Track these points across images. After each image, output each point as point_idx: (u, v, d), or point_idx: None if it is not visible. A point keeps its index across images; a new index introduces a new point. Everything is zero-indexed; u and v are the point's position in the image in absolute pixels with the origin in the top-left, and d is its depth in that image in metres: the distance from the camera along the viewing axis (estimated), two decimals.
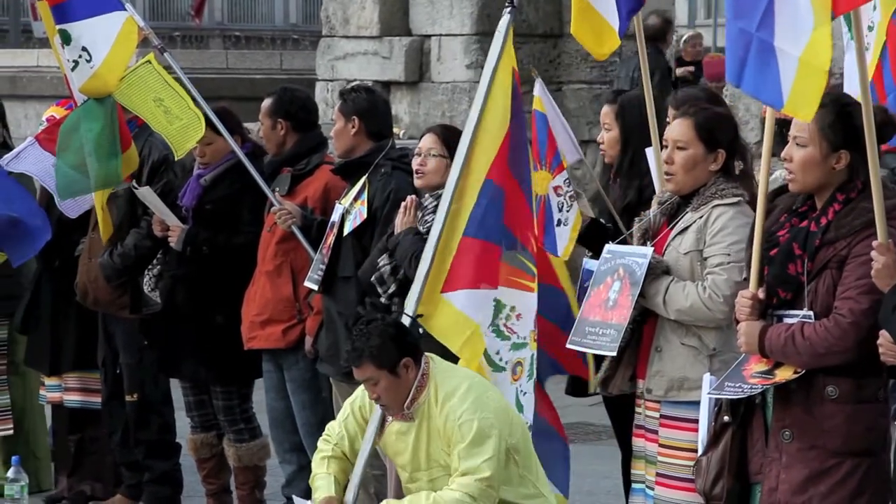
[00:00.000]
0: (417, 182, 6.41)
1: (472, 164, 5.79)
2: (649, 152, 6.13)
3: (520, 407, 5.78)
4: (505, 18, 5.87)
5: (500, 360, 5.81)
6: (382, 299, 6.34)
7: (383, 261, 6.37)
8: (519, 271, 5.73)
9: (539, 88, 5.69)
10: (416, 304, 5.82)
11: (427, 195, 6.41)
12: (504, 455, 5.49)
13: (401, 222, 6.35)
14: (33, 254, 7.52)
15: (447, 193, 5.88)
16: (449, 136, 6.43)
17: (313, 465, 5.83)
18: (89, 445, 7.84)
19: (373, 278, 6.37)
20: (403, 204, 6.38)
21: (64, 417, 7.85)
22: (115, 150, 7.08)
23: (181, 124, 6.94)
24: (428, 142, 6.41)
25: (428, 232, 6.16)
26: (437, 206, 6.27)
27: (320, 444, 5.85)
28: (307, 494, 6.07)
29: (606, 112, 6.41)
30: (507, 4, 5.93)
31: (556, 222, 5.62)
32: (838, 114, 4.67)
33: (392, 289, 6.32)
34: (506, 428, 5.54)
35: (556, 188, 5.61)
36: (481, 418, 5.48)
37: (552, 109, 5.67)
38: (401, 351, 5.58)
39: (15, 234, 7.47)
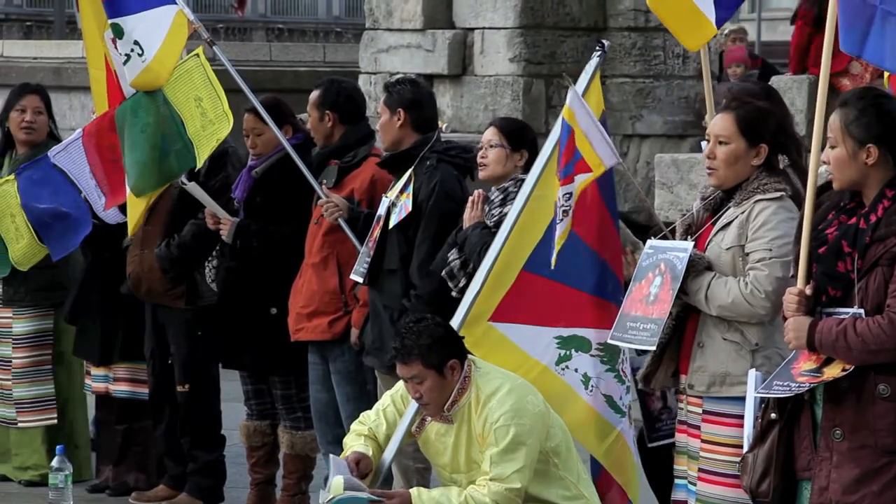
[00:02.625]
0: (480, 174, 6.48)
1: (540, 200, 5.81)
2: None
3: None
4: (593, 61, 5.94)
5: (623, 404, 5.88)
6: (454, 293, 6.37)
7: (453, 255, 6.41)
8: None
9: (571, 97, 5.70)
10: (462, 322, 5.86)
11: (493, 188, 6.44)
12: (535, 464, 5.50)
13: (468, 216, 6.40)
14: (73, 248, 7.58)
15: (511, 217, 5.92)
16: (510, 128, 6.48)
17: (346, 440, 5.86)
18: (136, 436, 7.89)
19: (443, 273, 6.41)
20: (471, 198, 6.43)
21: (113, 407, 7.89)
22: (168, 147, 7.10)
23: (212, 129, 6.95)
24: (489, 134, 6.48)
25: (496, 226, 6.21)
26: (503, 200, 6.32)
27: (354, 425, 5.90)
28: None
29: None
30: (597, 48, 5.97)
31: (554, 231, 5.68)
32: (861, 110, 4.68)
33: (462, 283, 6.35)
34: (543, 433, 5.55)
35: (557, 200, 5.66)
36: (518, 424, 5.49)
37: (586, 116, 5.68)
38: (449, 352, 5.61)
39: (60, 227, 7.54)
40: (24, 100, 7.94)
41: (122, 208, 7.52)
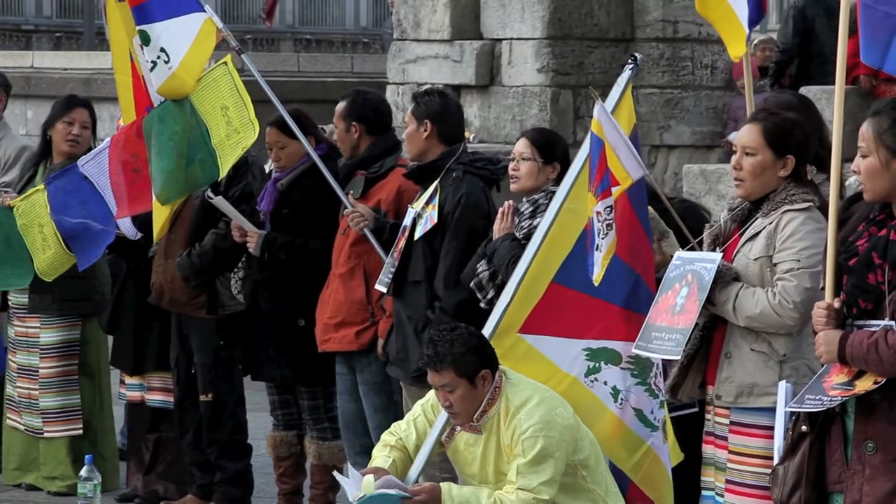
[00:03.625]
0: (512, 186, 6.47)
1: (571, 213, 5.82)
2: None
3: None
4: (625, 74, 5.93)
5: (655, 419, 5.86)
6: (482, 304, 6.37)
7: (482, 267, 6.40)
8: None
9: (598, 110, 5.70)
10: (492, 333, 5.86)
11: (524, 200, 6.44)
12: (561, 476, 5.49)
13: (498, 228, 6.39)
14: (97, 258, 7.60)
15: (541, 229, 5.92)
16: (541, 140, 6.47)
17: (374, 452, 5.87)
18: (166, 446, 7.90)
19: (472, 284, 6.41)
20: (501, 210, 6.42)
21: (144, 417, 7.89)
22: (193, 155, 7.11)
23: (237, 138, 6.95)
24: (521, 146, 6.47)
25: (525, 238, 6.21)
26: (533, 212, 6.32)
27: (384, 436, 5.90)
28: None
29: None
30: (629, 60, 5.97)
31: (595, 246, 5.65)
32: (895, 119, 4.65)
33: (491, 294, 6.36)
34: (571, 446, 5.54)
35: (597, 213, 5.63)
36: (546, 437, 5.48)
37: (613, 130, 5.67)
38: (481, 362, 5.60)
39: (87, 236, 7.56)
40: (73, 113, 7.98)
41: (137, 221, 7.54)
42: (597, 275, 5.65)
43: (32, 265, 7.68)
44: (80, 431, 8.01)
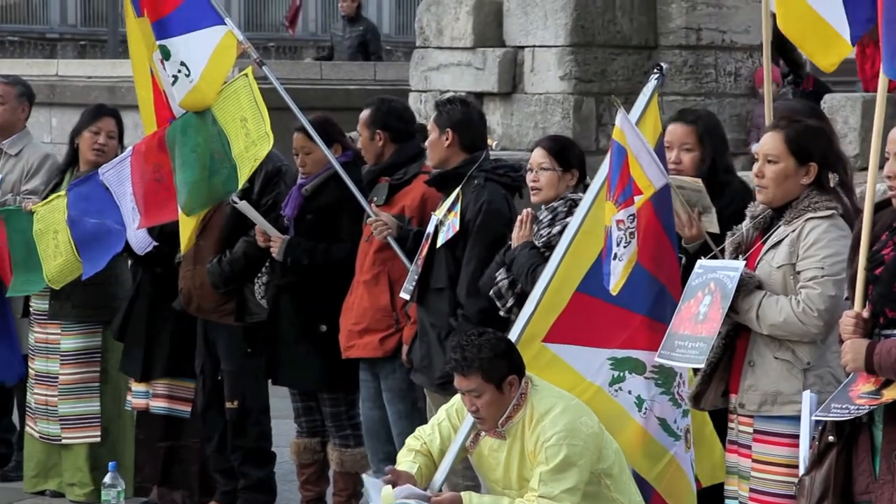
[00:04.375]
0: (534, 198, 6.44)
1: (596, 221, 5.81)
2: None
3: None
4: (651, 83, 5.92)
5: (678, 428, 5.86)
6: (501, 313, 6.36)
7: (501, 275, 6.40)
8: None
9: (620, 118, 5.69)
10: (516, 342, 5.86)
11: (542, 208, 6.43)
12: (584, 485, 5.49)
13: (517, 236, 6.38)
14: (101, 267, 7.61)
15: (566, 238, 5.92)
16: (558, 148, 6.45)
17: (399, 456, 5.87)
18: (178, 454, 7.87)
19: (491, 292, 6.40)
20: (519, 218, 6.41)
21: (156, 425, 7.89)
22: (216, 167, 7.13)
23: (254, 150, 6.97)
24: (538, 156, 6.43)
25: (544, 246, 6.21)
26: (552, 219, 6.31)
27: (409, 440, 5.90)
28: None
29: (688, 132, 6.31)
30: (655, 69, 5.96)
31: (612, 255, 5.64)
32: None
33: (510, 302, 6.35)
34: (595, 454, 5.53)
35: (618, 221, 5.61)
36: (570, 445, 5.48)
37: (635, 138, 5.66)
38: (509, 367, 5.60)
39: (97, 245, 7.59)
40: (100, 122, 8.00)
41: (154, 231, 7.56)
42: (615, 284, 5.64)
43: (41, 273, 7.72)
44: (98, 438, 8.01)
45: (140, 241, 7.61)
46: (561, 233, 6.23)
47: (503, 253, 6.45)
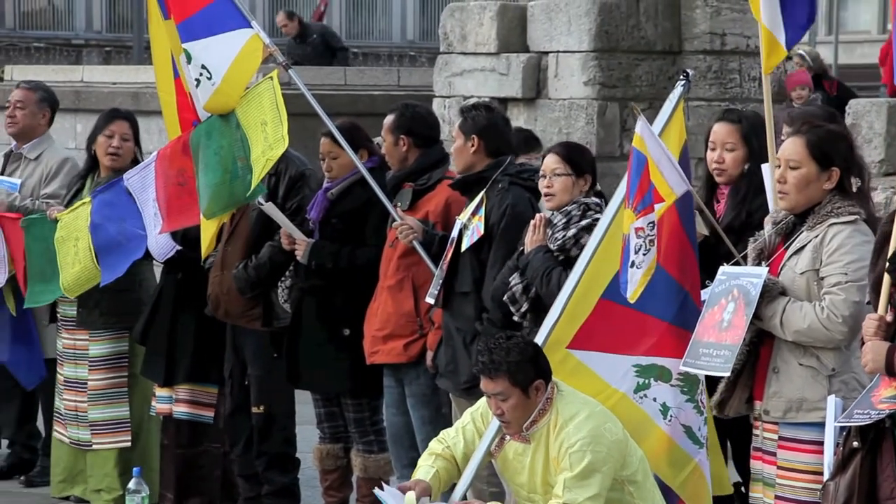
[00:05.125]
0: (547, 204, 6.43)
1: (619, 227, 5.81)
2: (765, 168, 6.09)
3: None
4: (677, 90, 5.91)
5: (701, 436, 5.85)
6: (515, 318, 6.36)
7: (514, 280, 6.39)
8: None
9: (641, 126, 5.68)
10: (542, 347, 5.85)
11: (556, 212, 6.42)
12: (608, 491, 5.48)
13: (530, 240, 6.37)
14: (120, 274, 7.62)
15: (591, 244, 5.91)
16: (571, 154, 6.45)
17: (420, 459, 5.86)
18: (197, 460, 7.86)
19: (505, 297, 6.40)
20: (532, 222, 6.40)
21: (178, 430, 7.87)
22: (238, 171, 7.13)
23: (271, 154, 6.97)
24: (551, 162, 6.43)
25: (560, 250, 6.20)
26: (566, 223, 6.30)
27: (432, 443, 5.90)
28: None
29: (731, 131, 6.33)
30: (681, 76, 5.94)
31: (630, 263, 5.63)
32: None
33: (524, 307, 6.34)
34: (619, 461, 5.52)
35: (637, 229, 5.59)
36: (594, 451, 5.47)
37: (655, 146, 5.65)
38: (536, 372, 5.60)
39: (117, 251, 7.60)
40: (112, 125, 8.01)
41: (177, 235, 7.56)
42: (633, 292, 5.63)
43: (58, 281, 7.73)
44: (129, 443, 8.02)
45: (161, 246, 7.62)
46: (575, 236, 6.24)
47: (516, 258, 6.44)
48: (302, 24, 18.19)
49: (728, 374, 5.34)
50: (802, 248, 5.36)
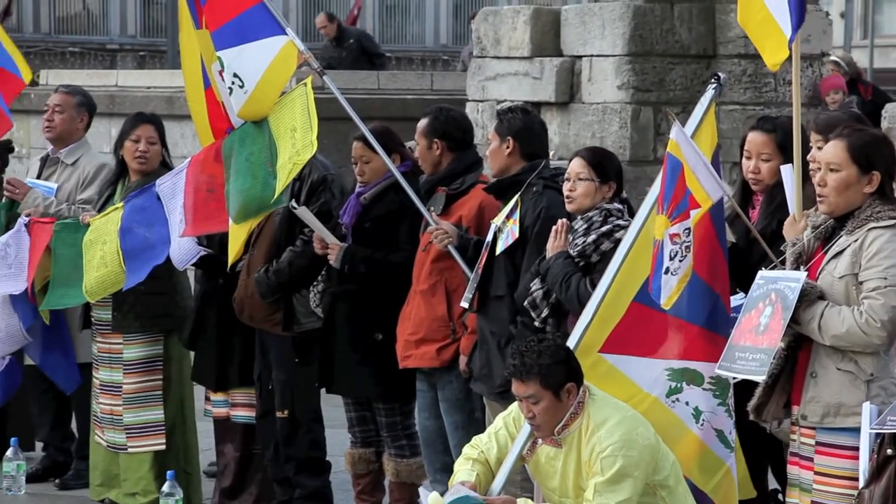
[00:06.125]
0: (569, 206, 6.43)
1: (649, 231, 5.78)
2: (784, 170, 6.06)
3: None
4: (708, 94, 5.88)
5: (731, 440, 5.83)
6: (536, 323, 6.35)
7: (535, 285, 6.39)
8: None
9: (676, 132, 5.65)
10: (573, 351, 5.84)
11: (578, 218, 6.41)
12: (639, 496, 5.46)
13: (552, 246, 6.36)
14: (141, 279, 7.62)
15: (622, 248, 5.89)
16: (596, 159, 6.44)
17: (456, 465, 5.86)
18: (253, 462, 7.87)
19: (525, 303, 6.39)
20: (554, 228, 6.39)
21: (236, 434, 7.87)
22: (267, 178, 7.13)
23: (298, 159, 6.96)
24: (576, 166, 6.43)
25: (580, 256, 6.19)
26: (587, 229, 6.29)
27: (466, 449, 5.90)
28: None
29: (766, 141, 6.30)
30: (713, 80, 5.92)
31: (664, 269, 5.60)
32: None
33: (545, 313, 6.33)
34: (651, 466, 5.50)
35: (672, 236, 5.57)
36: (626, 456, 5.45)
37: (691, 151, 5.62)
38: (567, 375, 5.59)
39: (142, 257, 7.61)
40: (138, 129, 8.02)
41: (215, 243, 7.57)
42: (667, 298, 5.61)
43: (81, 286, 7.73)
44: (164, 446, 8.03)
45: (184, 253, 7.62)
46: (595, 242, 6.24)
47: (538, 263, 6.44)
48: (340, 27, 18.21)
49: (764, 377, 5.31)
50: (841, 252, 5.33)
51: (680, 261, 5.58)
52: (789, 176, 5.95)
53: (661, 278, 5.61)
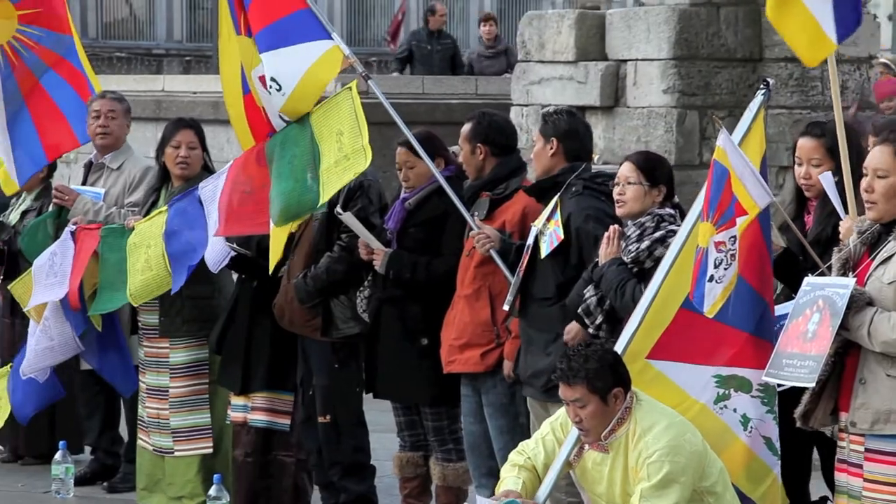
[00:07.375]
0: (619, 211, 6.41)
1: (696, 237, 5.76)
2: (826, 177, 6.02)
3: None
4: (757, 99, 5.85)
5: (778, 447, 5.82)
6: (590, 329, 6.33)
7: (589, 292, 6.37)
8: None
9: (723, 138, 5.62)
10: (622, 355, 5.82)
11: (630, 224, 6.39)
12: (686, 502, 5.43)
13: (604, 253, 6.34)
14: (182, 282, 7.64)
15: (670, 254, 5.87)
16: (646, 163, 6.41)
17: (502, 472, 5.85)
18: (269, 468, 7.86)
19: (579, 310, 6.38)
20: (606, 234, 6.38)
21: (253, 439, 7.86)
22: (308, 181, 7.13)
23: (346, 164, 6.94)
24: (626, 170, 6.41)
25: (633, 262, 6.17)
26: (640, 235, 6.27)
27: (512, 455, 5.89)
28: None
29: (815, 147, 6.27)
30: (761, 85, 5.89)
31: (707, 277, 5.57)
32: None
33: (599, 319, 6.32)
34: (698, 472, 5.48)
35: (718, 244, 5.54)
36: (672, 462, 5.43)
37: (738, 158, 5.59)
38: (615, 380, 5.58)
39: (183, 260, 7.64)
40: (178, 135, 8.06)
41: (252, 246, 7.58)
42: (711, 306, 5.58)
43: (125, 290, 7.76)
44: (211, 450, 8.06)
45: (216, 253, 7.63)
46: (649, 248, 6.21)
47: (591, 270, 6.41)
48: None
49: (813, 384, 5.28)
50: (889, 258, 5.29)
51: (725, 269, 5.55)
52: (830, 184, 5.92)
53: (704, 286, 5.59)
